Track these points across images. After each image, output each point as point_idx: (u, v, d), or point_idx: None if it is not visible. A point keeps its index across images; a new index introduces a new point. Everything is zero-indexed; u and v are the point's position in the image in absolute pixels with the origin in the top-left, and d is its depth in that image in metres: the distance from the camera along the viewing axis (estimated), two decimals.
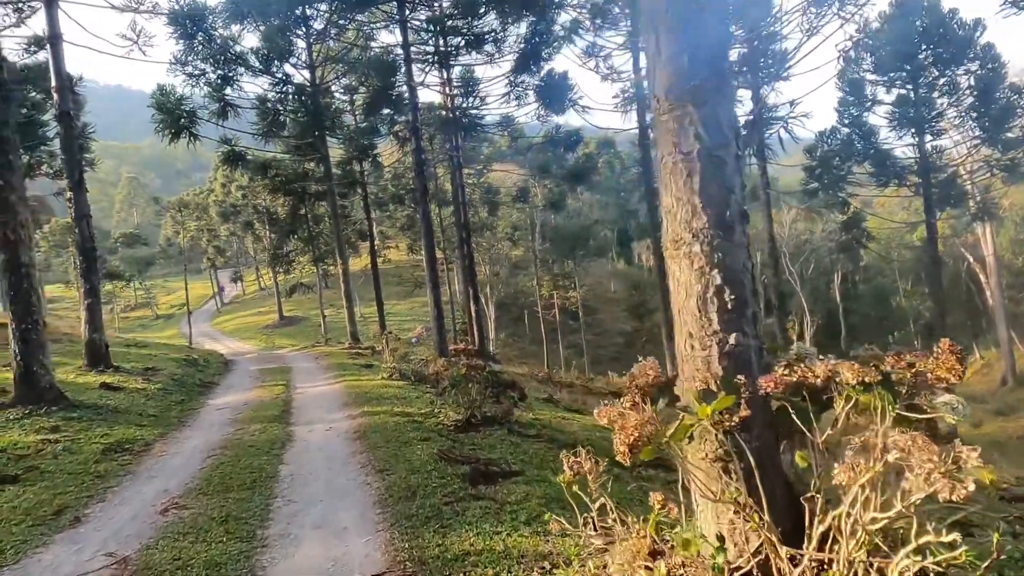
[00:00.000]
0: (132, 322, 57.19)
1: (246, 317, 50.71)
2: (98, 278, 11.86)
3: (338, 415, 8.41)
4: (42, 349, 8.51)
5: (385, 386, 10.51)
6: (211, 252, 51.09)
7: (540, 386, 17.68)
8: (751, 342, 2.50)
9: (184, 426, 8.36)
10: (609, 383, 21.22)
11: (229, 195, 45.63)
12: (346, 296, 21.79)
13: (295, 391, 10.99)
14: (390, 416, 7.79)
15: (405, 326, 45.40)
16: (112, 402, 9.25)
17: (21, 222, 8.43)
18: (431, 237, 19.36)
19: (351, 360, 15.64)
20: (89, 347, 11.71)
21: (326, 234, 30.28)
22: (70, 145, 11.70)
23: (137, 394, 10.15)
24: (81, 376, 11.02)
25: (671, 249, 2.55)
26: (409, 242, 43.41)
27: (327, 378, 12.51)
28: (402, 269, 61.02)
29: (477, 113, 21.91)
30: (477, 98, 21.31)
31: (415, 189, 31.52)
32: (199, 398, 10.92)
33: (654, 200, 18.80)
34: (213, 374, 14.61)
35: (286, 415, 8.64)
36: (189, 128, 18.86)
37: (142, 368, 12.57)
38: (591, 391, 18.78)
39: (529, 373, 21.18)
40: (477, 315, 24.70)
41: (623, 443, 2.40)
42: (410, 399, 9.28)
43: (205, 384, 12.50)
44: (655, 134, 2.55)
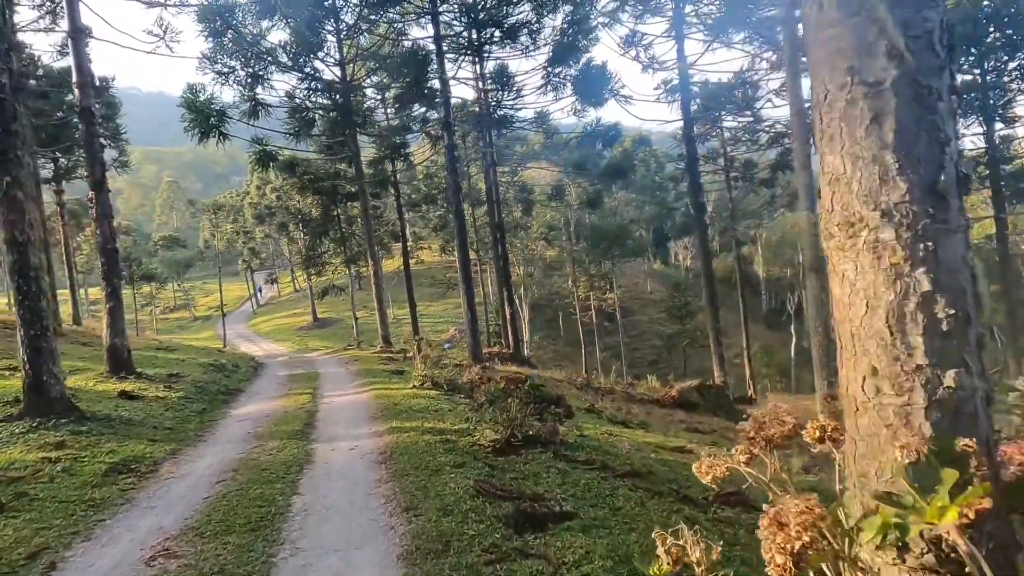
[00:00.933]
0: (171, 323, 58.05)
1: (281, 319, 50.93)
2: (120, 281, 11.39)
3: (364, 431, 7.66)
4: (52, 357, 7.97)
5: (416, 396, 9.75)
6: (246, 254, 51.44)
7: (579, 393, 16.74)
8: (978, 383, 1.57)
9: (200, 441, 7.71)
10: (651, 389, 20.13)
11: (264, 197, 45.78)
12: (377, 299, 21.21)
13: (321, 400, 10.31)
14: (420, 434, 6.99)
15: (438, 328, 44.90)
16: (127, 413, 8.68)
17: (30, 222, 7.91)
18: (464, 237, 18.64)
19: (381, 365, 14.97)
20: (111, 353, 11.24)
21: (358, 235, 29.83)
22: (91, 143, 11.25)
23: (156, 403, 9.59)
24: (101, 383, 10.54)
25: (840, 236, 1.64)
26: (442, 243, 42.84)
27: (356, 386, 11.82)
28: (435, 270, 60.65)
29: (511, 108, 21.04)
30: (512, 91, 20.45)
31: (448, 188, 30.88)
32: (221, 407, 10.33)
33: (698, 196, 17.73)
34: (240, 380, 14.08)
35: (309, 429, 7.93)
36: (219, 127, 18.49)
37: (166, 374, 12.07)
38: (633, 398, 17.75)
39: (567, 378, 20.23)
40: (512, 317, 23.91)
41: (782, 551, 1.49)
42: (442, 412, 8.48)
43: (230, 392, 11.93)
44: (813, 56, 1.65)
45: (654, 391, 19.46)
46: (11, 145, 7.80)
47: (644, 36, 19.59)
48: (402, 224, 25.65)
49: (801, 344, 55.55)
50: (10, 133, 7.79)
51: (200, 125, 18.13)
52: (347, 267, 26.04)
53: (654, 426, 11.33)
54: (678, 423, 13.45)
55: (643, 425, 11.25)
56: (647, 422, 11.93)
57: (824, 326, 7.82)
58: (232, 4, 18.12)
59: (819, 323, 7.83)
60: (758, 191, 24.22)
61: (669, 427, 12.13)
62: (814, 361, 8.07)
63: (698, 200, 17.11)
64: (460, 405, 9.28)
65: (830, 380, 7.86)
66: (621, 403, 16.00)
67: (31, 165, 8.07)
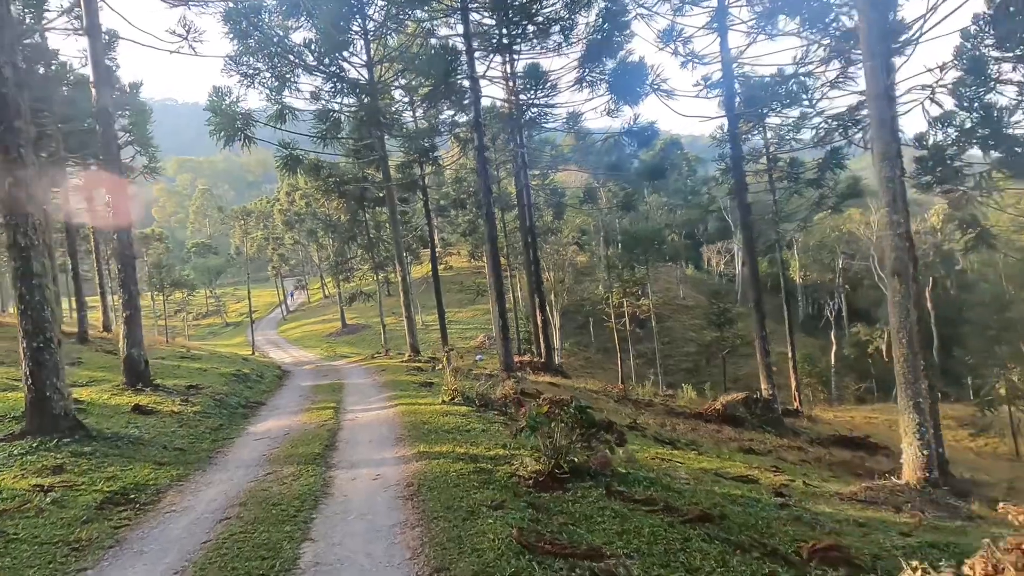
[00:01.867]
0: (203, 329, 58.51)
1: (310, 325, 50.82)
2: (137, 288, 10.88)
3: (389, 454, 6.89)
4: (56, 371, 7.39)
5: (446, 413, 8.97)
6: (276, 260, 51.56)
7: (618, 407, 15.81)
8: None
9: (211, 464, 7.03)
10: (692, 401, 19.06)
11: (293, 203, 45.84)
12: (405, 306, 20.57)
13: (345, 416, 9.60)
14: (452, 461, 6.19)
15: (467, 335, 44.19)
16: (137, 431, 8.07)
17: (34, 224, 7.35)
18: (495, 241, 17.87)
19: (409, 376, 14.24)
20: (127, 364, 10.72)
21: (386, 241, 29.36)
22: (109, 144, 10.79)
23: (170, 419, 8.98)
24: (116, 396, 10.00)
25: None
26: (470, 248, 42.25)
27: (381, 399, 11.10)
28: (463, 276, 60.06)
29: (543, 107, 20.22)
30: (543, 90, 19.66)
31: (477, 191, 30.21)
32: (239, 423, 9.69)
33: (744, 196, 16.67)
34: (263, 391, 13.50)
35: (329, 452, 7.19)
36: (244, 131, 18.08)
37: (185, 386, 11.53)
38: (674, 412, 16.73)
39: (602, 389, 19.30)
40: (543, 324, 23.06)
41: None
42: (475, 433, 7.68)
43: (250, 405, 11.31)
44: None
45: (696, 404, 18.40)
46: (14, 143, 7.26)
47: (684, 29, 18.62)
48: (431, 229, 25.04)
49: (842, 351, 53.58)
50: (12, 130, 7.26)
51: (225, 128, 17.74)
52: (375, 273, 25.51)
53: (704, 446, 10.36)
54: (728, 441, 12.44)
55: (692, 445, 10.29)
56: (696, 441, 10.96)
57: (909, 337, 6.80)
58: (258, 5, 17.73)
59: (903, 334, 6.82)
60: (802, 192, 22.94)
61: (720, 446, 11.14)
62: (897, 376, 7.04)
63: (744, 200, 16.04)
64: (494, 424, 8.49)
65: (917, 401, 6.85)
66: (663, 417, 15.03)
67: (36, 164, 7.50)
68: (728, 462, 8.54)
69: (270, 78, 18.26)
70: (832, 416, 28.70)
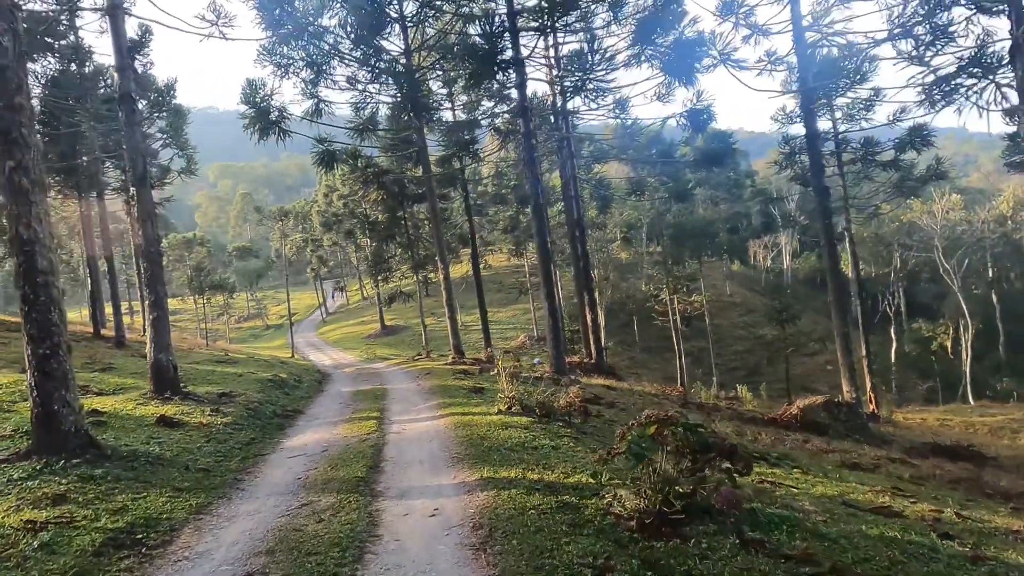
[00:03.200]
0: (244, 332, 58.86)
1: (350, 327, 50.48)
2: (165, 288, 10.01)
3: (446, 480, 5.73)
4: (66, 381, 6.45)
5: (505, 425, 7.78)
6: (314, 262, 51.36)
7: (683, 412, 14.41)
8: None
9: (237, 490, 5.99)
10: (761, 404, 17.52)
11: (331, 204, 45.52)
12: (448, 305, 19.50)
13: (389, 428, 8.50)
14: (526, 491, 4.99)
15: (507, 335, 43.02)
16: (158, 448, 7.11)
17: (38, 215, 6.44)
18: (544, 235, 16.63)
19: (456, 381, 13.12)
20: (154, 371, 9.85)
21: (425, 239, 28.43)
22: (132, 132, 9.94)
23: (197, 432, 8.02)
24: (141, 406, 9.12)
25: None
26: (511, 247, 41.10)
27: (429, 407, 9.99)
28: (502, 275, 59.00)
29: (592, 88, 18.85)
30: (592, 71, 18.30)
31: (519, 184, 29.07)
32: (274, 436, 8.69)
33: (820, 178, 15.06)
34: (300, 398, 12.57)
35: (374, 475, 6.08)
36: (279, 124, 17.27)
37: (217, 393, 10.63)
38: (742, 417, 15.24)
39: (660, 392, 17.89)
40: (593, 323, 21.74)
41: None
42: (545, 452, 6.48)
43: (286, 414, 10.33)
44: None
45: (765, 408, 16.85)
46: (14, 123, 6.35)
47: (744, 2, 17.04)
48: (471, 225, 23.96)
49: (902, 348, 50.61)
50: (13, 108, 6.35)
51: (259, 121, 16.95)
52: (414, 272, 24.58)
53: (802, 461, 8.93)
54: (821, 454, 10.94)
55: (787, 459, 8.87)
56: (789, 455, 9.52)
57: None
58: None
59: None
60: (873, 176, 21.04)
61: (816, 461, 9.67)
62: None
63: (821, 183, 14.44)
64: (563, 438, 7.27)
65: None
66: (736, 424, 13.55)
67: (39, 147, 6.59)
68: (843, 484, 7.13)
69: (304, 67, 17.38)
70: (903, 418, 26.57)
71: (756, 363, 46.32)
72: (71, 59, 20.16)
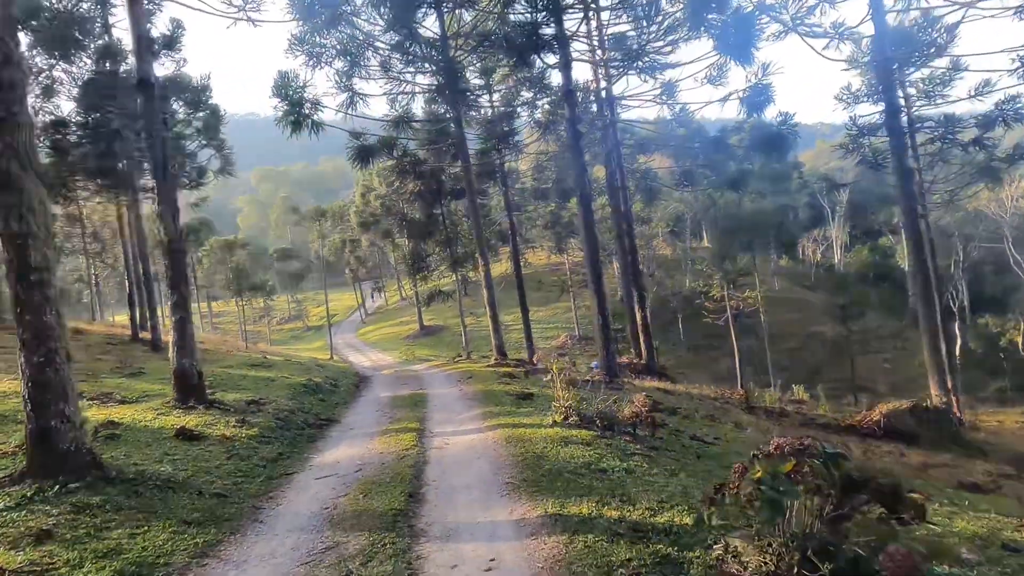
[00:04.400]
0: (285, 334, 59.14)
1: (389, 327, 50.12)
2: (188, 289, 9.24)
3: (502, 514, 4.69)
4: (64, 393, 5.64)
5: (564, 440, 6.70)
6: (352, 262, 51.15)
7: (749, 418, 13.10)
8: None
9: (253, 523, 5.06)
10: (827, 408, 16.01)
11: (368, 205, 45.14)
12: (489, 304, 18.51)
13: (431, 442, 7.52)
14: (606, 536, 3.91)
15: (547, 335, 41.86)
16: (171, 467, 6.26)
17: (31, 205, 5.63)
18: (592, 229, 15.46)
19: (501, 385, 12.08)
20: (178, 377, 9.09)
21: (463, 236, 27.53)
22: (152, 120, 9.20)
23: (218, 447, 7.17)
24: (161, 416, 8.34)
25: None
26: (551, 244, 39.93)
27: (474, 416, 8.98)
28: (541, 274, 57.85)
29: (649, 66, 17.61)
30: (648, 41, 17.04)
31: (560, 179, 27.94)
32: (303, 450, 7.79)
33: (903, 159, 13.52)
34: (336, 404, 11.72)
35: (414, 506, 5.07)
36: (311, 117, 16.55)
37: (247, 401, 9.82)
38: (816, 423, 13.82)
39: (721, 395, 16.54)
40: (643, 322, 20.47)
41: None
42: (617, 475, 5.38)
43: (319, 424, 9.46)
44: None
45: (839, 413, 15.36)
46: (2, 100, 5.57)
47: None
48: (511, 220, 22.93)
49: (967, 345, 47.52)
50: (0, 84, 5.57)
51: (292, 115, 16.25)
52: (453, 271, 23.72)
53: (914, 482, 7.59)
54: (923, 469, 9.55)
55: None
56: (891, 471, 8.17)
57: None
58: None
59: None
60: (948, 159, 19.22)
61: (923, 478, 8.31)
62: None
63: (903, 163, 12.92)
64: (634, 457, 6.16)
65: None
66: (812, 432, 12.15)
67: (32, 126, 5.80)
68: (985, 516, 5.84)
69: (337, 57, 16.62)
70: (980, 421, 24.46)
71: (808, 362, 44.11)
72: (105, 59, 19.85)
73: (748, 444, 9.53)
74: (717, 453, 7.87)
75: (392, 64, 17.54)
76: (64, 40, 19.16)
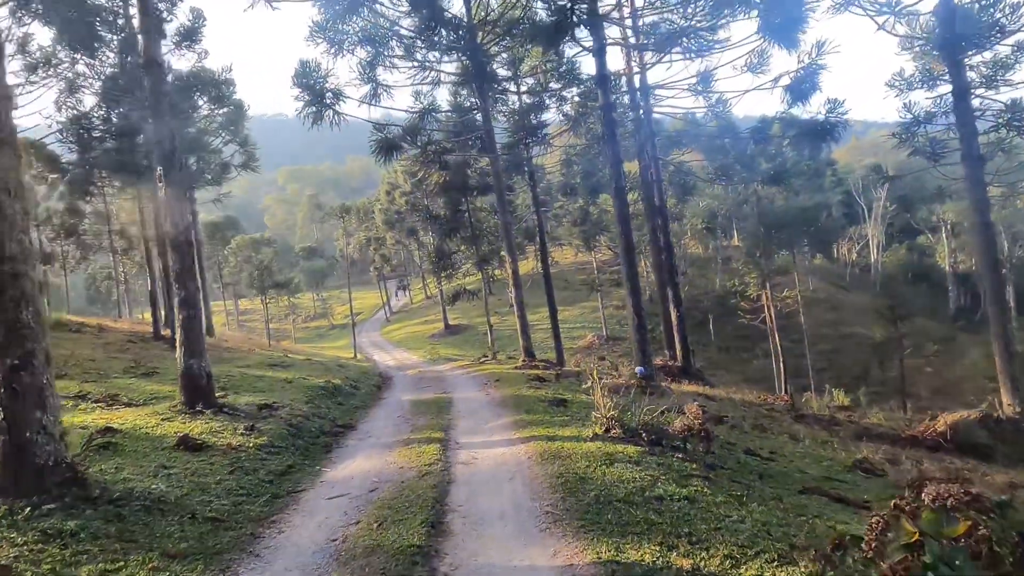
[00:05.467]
0: (311, 332, 59.08)
1: (413, 326, 49.64)
2: (197, 284, 8.58)
3: (542, 559, 3.85)
4: (42, 401, 4.96)
5: (608, 458, 5.83)
6: (377, 260, 50.81)
7: (799, 427, 12.07)
8: None
9: (248, 556, 4.30)
10: (885, 418, 14.83)
11: (393, 202, 44.76)
12: (517, 303, 17.67)
13: (456, 456, 6.72)
14: None
15: (574, 334, 40.84)
16: (165, 484, 5.54)
17: (7, 185, 4.96)
18: (627, 221, 14.50)
19: (532, 389, 11.24)
20: (185, 379, 8.43)
21: (489, 232, 26.76)
22: (158, 103, 8.56)
23: (222, 458, 6.46)
24: (165, 422, 7.69)
25: None
26: (578, 242, 38.94)
27: (504, 425, 8.16)
28: (567, 272, 56.84)
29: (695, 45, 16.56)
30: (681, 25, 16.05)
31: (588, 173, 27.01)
32: (316, 461, 7.06)
33: (972, 144, 12.34)
34: (355, 408, 11.01)
35: (435, 540, 4.27)
36: (333, 106, 15.91)
37: (258, 405, 9.14)
38: (871, 433, 12.69)
39: (764, 400, 15.48)
40: (679, 321, 19.44)
41: None
42: (679, 505, 4.50)
43: (335, 431, 8.73)
44: None
45: (896, 423, 14.17)
46: None
47: None
48: (538, 216, 22.06)
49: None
50: None
51: (314, 103, 15.62)
52: (479, 268, 22.96)
53: None
54: (1001, 489, 8.45)
55: None
56: None
57: None
58: None
59: None
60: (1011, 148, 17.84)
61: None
62: None
63: (974, 148, 11.76)
64: (692, 480, 5.27)
65: None
66: (870, 445, 11.09)
67: (11, 98, 5.14)
68: None
69: (360, 44, 15.95)
70: None
71: (844, 364, 42.46)
72: (126, 52, 19.50)
73: (810, 459, 8.56)
74: (780, 472, 6.94)
75: (416, 50, 16.79)
76: (86, 34, 18.84)
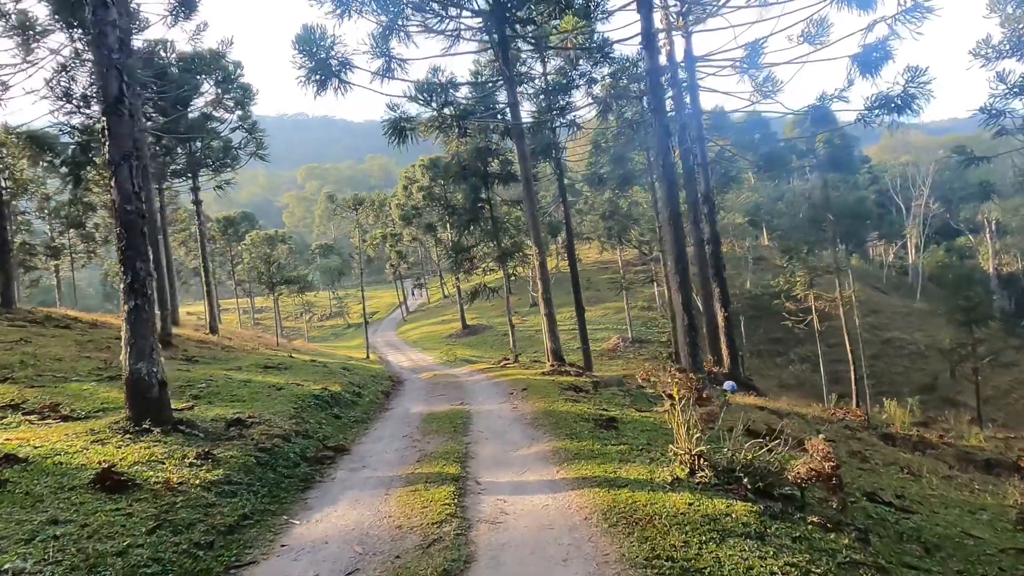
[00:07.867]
0: (326, 331, 57.66)
1: (430, 326, 47.91)
2: (148, 267, 6.69)
3: None
4: None
5: (711, 522, 3.82)
6: (394, 257, 49.16)
7: (891, 450, 9.90)
8: None
9: None
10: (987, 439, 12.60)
11: (410, 197, 43.11)
12: (544, 300, 15.66)
13: (478, 507, 4.74)
14: None
15: (598, 336, 38.64)
16: (33, 561, 3.63)
17: None
18: (676, 203, 12.39)
19: (568, 403, 9.20)
20: (130, 387, 6.57)
21: (511, 225, 24.82)
22: (102, 39, 6.70)
23: (147, 506, 4.54)
24: (96, 444, 5.81)
25: None
26: (604, 239, 36.78)
27: (540, 457, 6.16)
28: (589, 271, 54.69)
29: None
30: None
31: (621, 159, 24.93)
32: (283, 509, 5.11)
33: None
34: (353, 422, 9.09)
35: None
36: (339, 75, 14.04)
37: (228, 420, 7.23)
38: (972, 459, 10.50)
39: (832, 415, 13.30)
40: (726, 323, 17.29)
41: None
42: None
43: (320, 457, 6.79)
44: None
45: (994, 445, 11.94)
46: None
47: None
48: (565, 207, 20.07)
49: None
50: None
51: (317, 71, 13.76)
52: (500, 263, 21.06)
53: None
54: None
55: None
56: None
57: None
58: None
59: None
60: None
61: None
62: None
63: None
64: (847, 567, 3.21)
65: None
66: (978, 475, 8.91)
67: None
68: None
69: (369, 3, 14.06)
70: None
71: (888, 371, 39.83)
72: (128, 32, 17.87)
73: (958, 509, 6.41)
74: (943, 537, 4.85)
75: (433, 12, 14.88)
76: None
